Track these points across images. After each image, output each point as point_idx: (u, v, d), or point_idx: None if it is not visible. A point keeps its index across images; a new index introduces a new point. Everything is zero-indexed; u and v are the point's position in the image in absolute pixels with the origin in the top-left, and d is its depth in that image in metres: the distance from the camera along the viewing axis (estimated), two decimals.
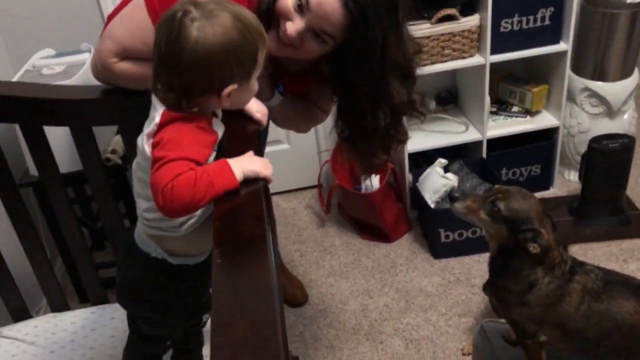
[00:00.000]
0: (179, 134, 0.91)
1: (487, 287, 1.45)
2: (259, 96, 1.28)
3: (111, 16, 1.40)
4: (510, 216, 1.33)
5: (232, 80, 0.92)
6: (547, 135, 2.52)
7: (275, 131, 2.57)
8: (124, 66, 1.21)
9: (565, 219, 2.37)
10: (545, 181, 2.62)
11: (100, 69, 1.25)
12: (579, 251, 2.26)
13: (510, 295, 1.37)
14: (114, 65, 1.21)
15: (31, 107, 1.33)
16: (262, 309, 0.71)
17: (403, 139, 1.35)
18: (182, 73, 0.90)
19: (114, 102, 1.31)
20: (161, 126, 0.92)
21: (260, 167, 0.95)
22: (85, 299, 2.08)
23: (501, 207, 1.33)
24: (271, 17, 1.17)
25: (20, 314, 1.60)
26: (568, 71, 2.36)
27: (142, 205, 1.06)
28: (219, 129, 0.99)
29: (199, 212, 1.00)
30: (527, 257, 1.31)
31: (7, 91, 1.37)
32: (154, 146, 0.91)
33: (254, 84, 0.98)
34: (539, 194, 2.56)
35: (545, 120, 2.50)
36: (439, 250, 2.33)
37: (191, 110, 0.93)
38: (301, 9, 1.13)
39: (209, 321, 1.32)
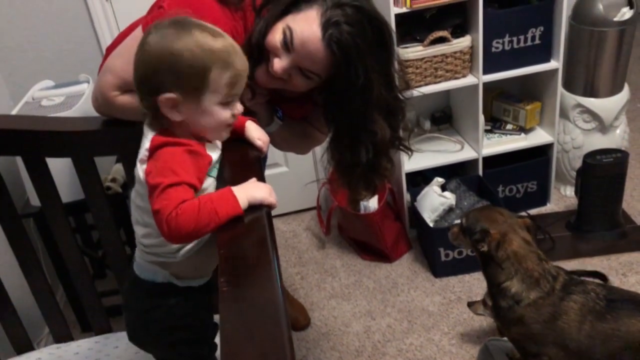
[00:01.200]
0: (171, 159, 0.92)
1: (491, 310, 1.49)
2: (259, 122, 1.30)
3: (110, 49, 1.43)
4: (467, 226, 1.48)
5: (170, 89, 0.92)
6: (542, 152, 2.55)
7: (273, 154, 2.62)
8: (125, 99, 1.23)
9: (564, 234, 2.39)
10: (542, 197, 2.64)
11: (101, 102, 1.27)
12: (579, 266, 2.27)
13: (504, 313, 1.39)
14: (115, 98, 1.23)
15: (33, 139, 1.34)
16: (271, 336, 0.72)
17: (386, 174, 1.34)
18: (134, 75, 0.96)
19: (115, 133, 1.33)
20: (152, 151, 0.94)
21: (264, 194, 0.96)
22: (88, 328, 2.07)
23: (463, 221, 1.50)
24: (262, 52, 1.20)
25: (23, 345, 1.60)
26: (560, 88, 2.40)
27: (140, 231, 1.07)
28: (214, 153, 1.01)
29: (181, 253, 1.03)
30: (491, 263, 1.38)
31: (9, 125, 1.39)
32: (148, 174, 0.93)
33: (215, 110, 0.96)
34: (536, 210, 2.60)
35: (539, 137, 2.53)
36: (439, 269, 2.33)
37: (173, 131, 0.96)
38: (287, 46, 1.16)
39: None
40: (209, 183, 1.00)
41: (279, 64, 1.17)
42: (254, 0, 1.25)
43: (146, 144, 0.96)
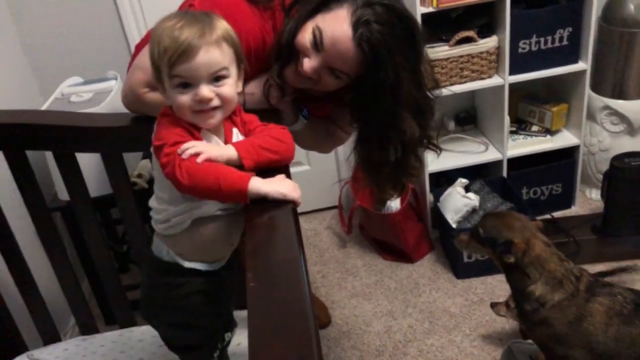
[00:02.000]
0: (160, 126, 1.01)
1: (516, 314, 1.47)
2: (284, 121, 1.31)
3: (139, 46, 1.45)
4: (487, 236, 1.43)
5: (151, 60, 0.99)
6: (568, 154, 2.52)
7: (296, 153, 2.61)
8: (155, 96, 1.25)
9: (589, 237, 2.36)
10: (566, 200, 2.61)
11: (131, 99, 1.28)
12: (604, 270, 2.24)
13: (528, 316, 1.38)
14: (145, 95, 1.25)
15: (64, 135, 1.37)
16: (298, 332, 0.72)
17: (414, 173, 1.35)
18: None
19: (143, 129, 1.34)
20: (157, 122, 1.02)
21: (287, 189, 0.97)
22: (111, 321, 2.10)
23: (480, 231, 1.43)
24: (291, 51, 1.21)
25: (50, 336, 1.63)
26: (587, 90, 2.37)
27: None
28: (208, 139, 1.02)
29: (174, 220, 1.07)
30: (516, 271, 1.36)
31: (40, 120, 1.42)
32: (155, 149, 1.00)
33: (170, 91, 0.98)
34: (560, 213, 2.57)
35: (565, 139, 2.50)
36: (461, 271, 2.32)
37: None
38: (317, 46, 1.16)
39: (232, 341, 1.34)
40: None
41: (308, 63, 1.17)
42: (283, 0, 1.26)
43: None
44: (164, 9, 1.50)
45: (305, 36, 1.17)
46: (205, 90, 0.96)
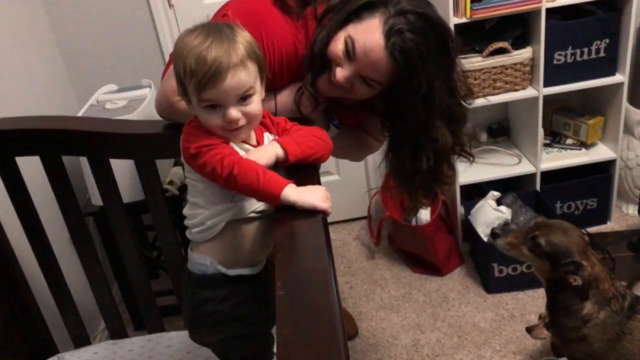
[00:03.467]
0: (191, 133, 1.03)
1: (549, 326, 1.43)
2: None
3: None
4: (551, 251, 1.34)
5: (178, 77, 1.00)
6: (604, 168, 2.46)
7: (325, 162, 2.61)
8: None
9: (625, 254, 2.30)
10: (602, 215, 2.55)
11: (165, 106, 1.30)
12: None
13: (567, 332, 1.34)
14: (179, 103, 1.26)
15: (99, 141, 1.39)
16: (327, 342, 0.71)
17: (447, 182, 1.34)
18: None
19: (176, 136, 1.35)
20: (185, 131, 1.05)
21: (318, 199, 0.97)
22: (140, 327, 2.12)
23: (542, 242, 1.36)
24: (324, 61, 1.21)
25: (81, 339, 1.65)
26: (625, 103, 2.32)
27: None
28: (240, 146, 1.04)
29: (209, 222, 1.07)
30: (571, 290, 1.30)
31: (77, 126, 1.45)
32: (190, 157, 1.01)
33: (199, 110, 1.00)
34: (595, 229, 2.51)
35: (601, 152, 2.44)
36: (492, 285, 2.28)
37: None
38: (349, 56, 1.16)
39: None
40: None
41: (341, 73, 1.17)
42: (315, 9, 1.26)
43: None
44: (198, 17, 1.53)
45: (338, 46, 1.17)
46: (234, 113, 0.99)
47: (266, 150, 1.03)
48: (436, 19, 1.15)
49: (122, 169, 1.74)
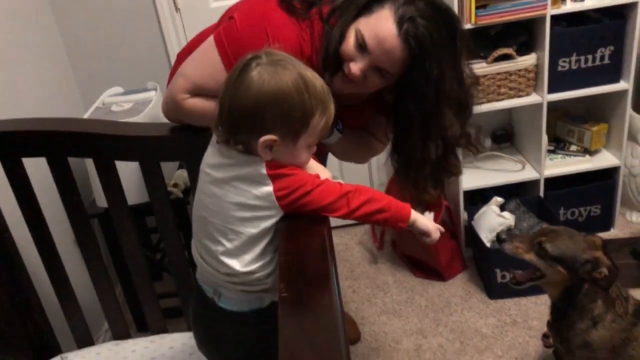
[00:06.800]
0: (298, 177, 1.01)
1: (551, 330, 1.43)
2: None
3: (180, 55, 1.48)
4: (560, 256, 1.34)
5: (273, 130, 0.95)
6: (607, 175, 2.46)
7: (329, 166, 2.61)
8: (194, 102, 1.27)
9: (628, 262, 2.29)
10: (605, 222, 2.54)
11: (171, 106, 1.31)
12: None
13: (575, 335, 1.34)
14: (185, 101, 1.28)
15: (106, 143, 1.40)
16: (329, 345, 0.72)
17: (454, 172, 1.37)
18: (232, 108, 0.96)
19: (181, 140, 1.37)
20: (272, 177, 0.99)
21: (433, 227, 1.12)
22: (143, 328, 2.13)
23: (548, 248, 1.37)
24: (339, 60, 1.22)
25: (84, 339, 1.66)
26: (629, 110, 2.32)
27: (237, 264, 1.05)
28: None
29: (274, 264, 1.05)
30: (592, 286, 1.31)
31: (83, 128, 1.46)
32: (285, 197, 0.98)
33: (301, 152, 1.01)
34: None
35: (605, 159, 2.44)
36: (494, 291, 2.28)
37: (237, 149, 0.99)
38: (362, 48, 1.17)
39: None
40: None
41: (356, 66, 1.19)
42: (320, 10, 1.27)
43: (259, 169, 0.99)
44: (204, 21, 1.55)
45: (350, 42, 1.18)
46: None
47: (319, 168, 1.10)
48: (444, 5, 1.17)
49: (127, 171, 1.75)
